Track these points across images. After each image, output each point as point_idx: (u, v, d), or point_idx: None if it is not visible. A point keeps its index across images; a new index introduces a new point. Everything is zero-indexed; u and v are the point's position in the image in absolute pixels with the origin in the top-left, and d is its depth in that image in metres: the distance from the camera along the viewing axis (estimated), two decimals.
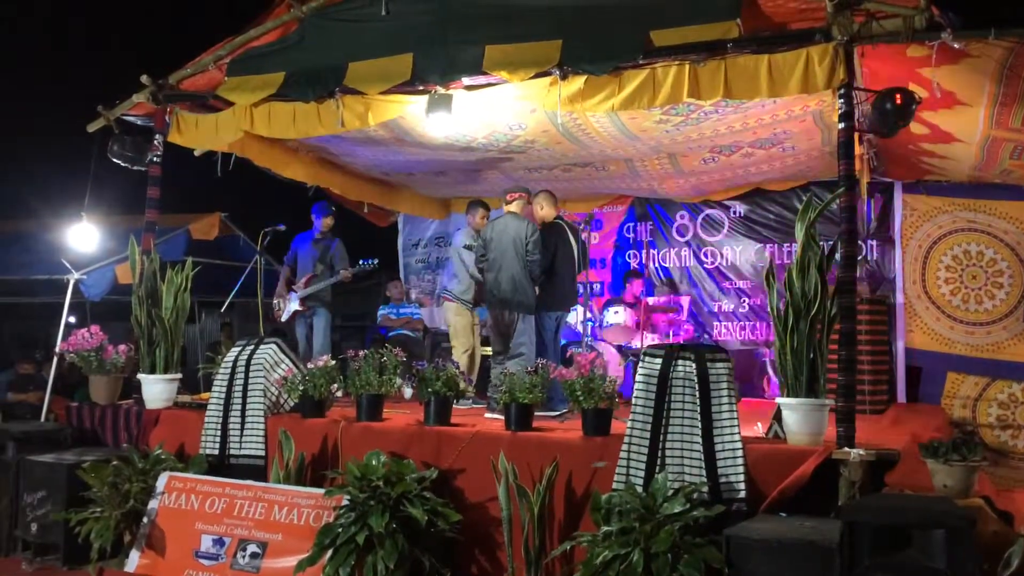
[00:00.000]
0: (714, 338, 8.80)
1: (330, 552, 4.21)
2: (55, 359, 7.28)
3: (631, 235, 9.52)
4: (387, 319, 9.02)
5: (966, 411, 7.42)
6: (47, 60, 15.13)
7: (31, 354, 9.42)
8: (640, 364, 4.30)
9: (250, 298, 8.75)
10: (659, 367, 4.23)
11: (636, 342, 8.00)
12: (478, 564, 4.52)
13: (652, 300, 8.70)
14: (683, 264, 9.19)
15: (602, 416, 4.54)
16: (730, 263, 8.95)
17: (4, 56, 13.34)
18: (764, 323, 8.61)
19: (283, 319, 7.60)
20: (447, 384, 5.04)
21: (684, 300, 8.88)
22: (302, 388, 5.36)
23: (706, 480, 3.95)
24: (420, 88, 5.50)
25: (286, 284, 7.66)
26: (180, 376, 6.17)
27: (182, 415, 5.82)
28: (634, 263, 9.42)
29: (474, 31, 5.33)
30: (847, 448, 4.06)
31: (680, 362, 4.20)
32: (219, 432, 5.41)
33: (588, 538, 3.87)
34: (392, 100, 5.63)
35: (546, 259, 6.26)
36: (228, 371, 5.56)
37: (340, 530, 4.25)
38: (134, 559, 4.80)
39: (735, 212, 8.93)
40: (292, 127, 5.92)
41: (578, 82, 5.00)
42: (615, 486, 4.11)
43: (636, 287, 8.60)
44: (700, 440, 4.02)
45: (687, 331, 8.63)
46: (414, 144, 7.00)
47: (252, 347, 5.63)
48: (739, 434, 4.04)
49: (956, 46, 4.32)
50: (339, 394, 5.58)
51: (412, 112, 5.71)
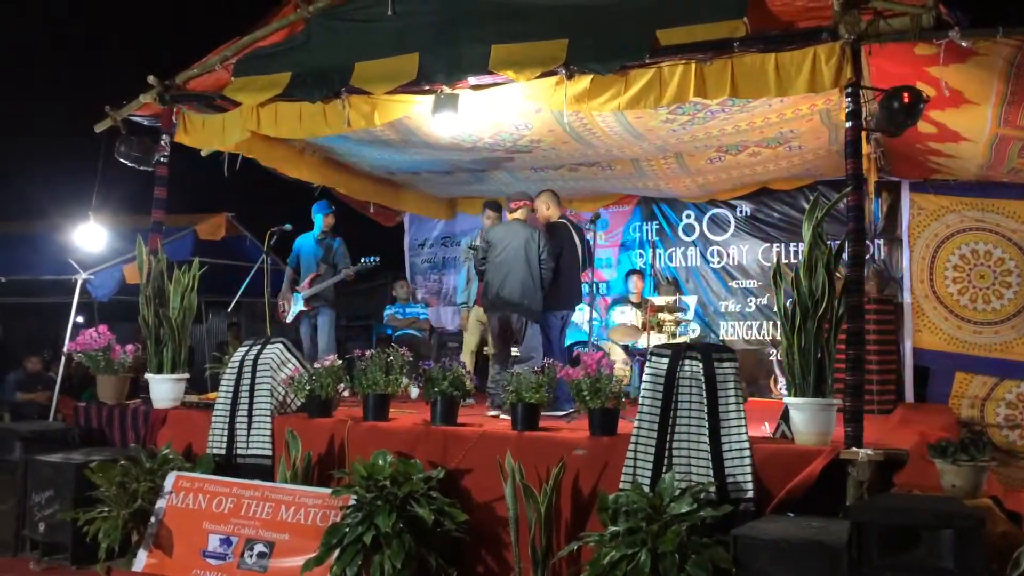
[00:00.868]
0: (720, 338, 8.79)
1: (337, 552, 4.22)
2: (63, 359, 7.31)
3: (637, 234, 9.51)
4: (393, 319, 9.02)
5: (974, 411, 7.39)
6: (47, 60, 15.14)
7: (39, 354, 9.46)
8: (647, 363, 4.30)
9: (257, 298, 8.77)
10: (666, 366, 4.22)
11: (642, 342, 7.99)
12: (484, 564, 4.52)
13: (657, 300, 8.69)
14: (689, 263, 9.18)
15: (609, 416, 4.53)
16: (737, 263, 8.93)
17: (3, 56, 13.34)
18: (771, 323, 8.60)
19: (288, 320, 7.61)
20: (454, 384, 5.05)
21: (691, 300, 8.87)
22: (309, 388, 5.36)
23: (713, 480, 3.95)
24: (426, 88, 5.50)
25: (290, 285, 7.67)
26: (187, 376, 6.18)
27: (189, 415, 5.82)
28: (641, 263, 9.41)
29: (480, 30, 5.33)
30: (855, 448, 4.05)
31: (687, 362, 4.20)
32: (226, 432, 5.42)
33: (595, 538, 3.87)
34: (398, 100, 5.63)
35: (554, 263, 6.26)
36: (235, 371, 5.57)
37: (347, 530, 4.25)
38: (142, 559, 4.82)
39: (742, 211, 8.91)
40: (298, 127, 5.93)
41: (584, 81, 5.00)
42: (622, 486, 4.11)
43: (637, 284, 8.59)
44: (707, 440, 4.02)
45: (694, 331, 8.61)
46: (420, 144, 7.01)
47: (259, 347, 5.64)
48: (746, 434, 4.03)
49: (964, 44, 4.30)
50: (346, 394, 5.58)
51: (418, 112, 5.72)
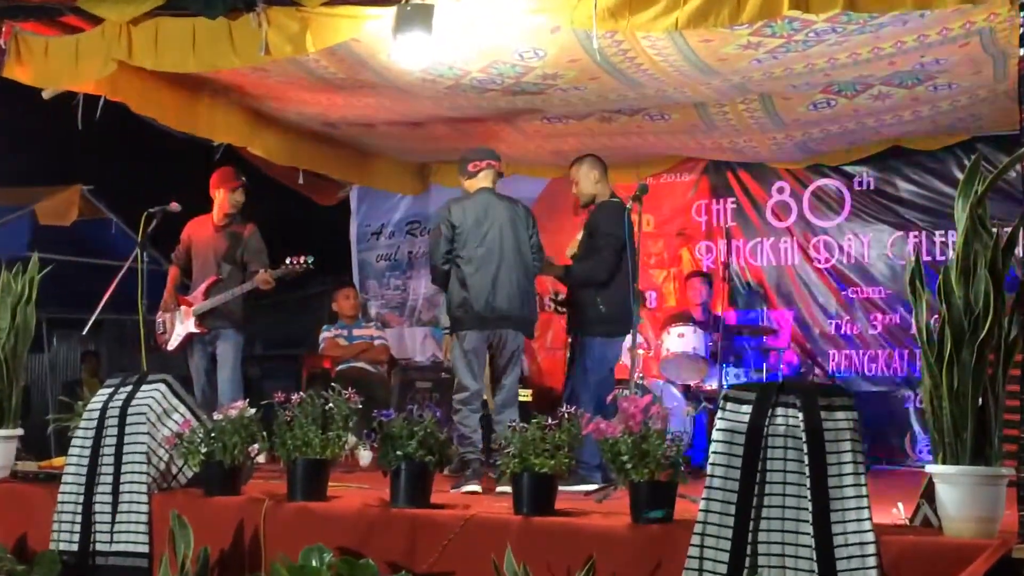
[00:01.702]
0: (830, 373, 8.80)
1: None
2: None
3: (702, 218, 9.53)
4: (334, 346, 9.03)
5: None
6: None
7: None
8: (720, 413, 4.30)
9: (125, 314, 8.74)
10: (748, 418, 4.23)
11: (712, 380, 7.99)
12: None
13: (733, 316, 8.70)
14: (782, 261, 9.19)
15: (662, 492, 4.53)
16: (854, 260, 8.95)
17: None
18: (906, 351, 8.61)
19: (172, 347, 7.60)
20: (425, 444, 5.04)
21: (783, 316, 8.86)
22: (205, 450, 5.35)
23: None
24: None
25: (174, 293, 7.67)
26: (20, 432, 6.16)
27: (23, 491, 5.79)
28: (706, 261, 9.42)
29: None
30: None
31: (780, 410, 4.20)
32: (80, 517, 5.39)
33: None
34: (341, 14, 5.66)
35: (612, 258, 6.39)
36: (93, 425, 5.54)
37: None
38: None
39: (861, 183, 8.94)
40: (191, 56, 5.93)
41: None
42: None
43: (699, 295, 8.60)
44: (811, 528, 4.02)
45: (789, 363, 8.61)
46: (375, 81, 7.03)
47: (130, 389, 5.62)
48: (869, 520, 4.03)
49: None
50: (261, 459, 5.59)
51: (372, 32, 5.73)
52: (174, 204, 7.29)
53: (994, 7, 5.25)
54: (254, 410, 5.50)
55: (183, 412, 5.60)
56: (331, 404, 5.28)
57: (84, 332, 8.25)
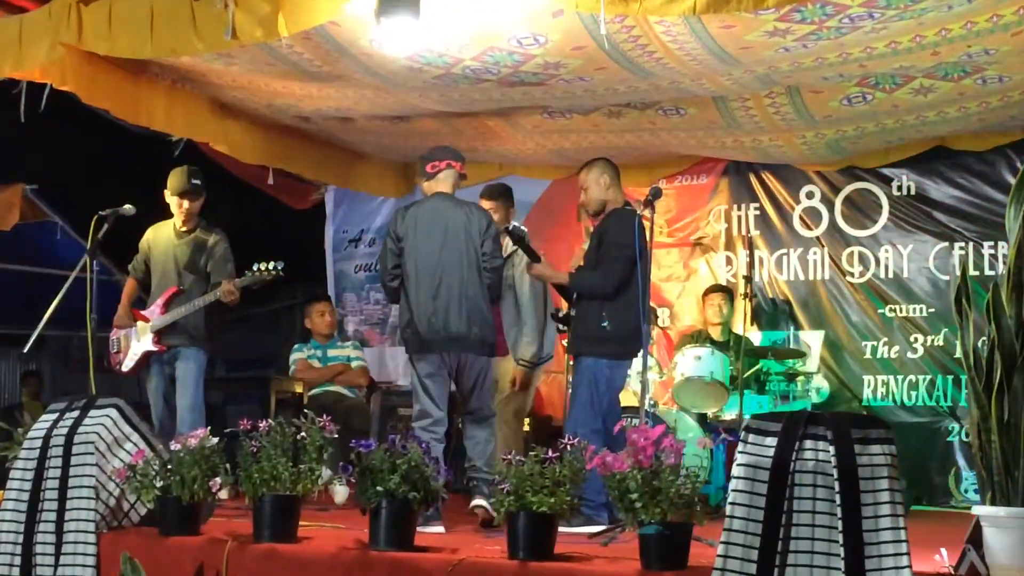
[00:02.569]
0: (865, 402, 8.80)
1: None
2: None
3: (722, 225, 9.54)
4: (306, 367, 9.02)
5: None
6: None
7: None
8: (741, 446, 4.31)
9: (72, 330, 8.72)
10: (773, 452, 4.23)
11: (732, 409, 7.99)
12: None
13: (757, 337, 8.71)
14: (812, 275, 9.20)
15: (675, 536, 4.53)
16: (891, 274, 8.95)
17: None
18: (951, 377, 8.61)
19: (126, 368, 7.58)
20: (408, 479, 5.03)
21: (812, 337, 8.87)
22: (161, 484, 5.35)
23: None
24: None
25: (129, 307, 7.64)
26: None
27: None
28: (726, 274, 9.43)
29: None
30: None
31: (808, 443, 4.20)
32: (19, 559, 5.38)
33: None
34: None
35: (621, 269, 6.39)
36: (36, 455, 5.54)
37: None
38: None
39: (901, 187, 8.95)
40: (148, 41, 5.94)
41: None
42: None
43: (722, 310, 8.60)
44: (843, 574, 4.02)
45: (818, 389, 8.61)
46: (356, 69, 7.05)
47: (76, 414, 5.61)
48: (909, 568, 4.03)
49: None
50: (223, 494, 5.57)
51: (352, 14, 5.75)
52: (127, 206, 7.28)
53: None
54: (216, 439, 5.50)
55: (136, 441, 5.59)
56: (303, 433, 5.28)
57: (25, 350, 8.24)
